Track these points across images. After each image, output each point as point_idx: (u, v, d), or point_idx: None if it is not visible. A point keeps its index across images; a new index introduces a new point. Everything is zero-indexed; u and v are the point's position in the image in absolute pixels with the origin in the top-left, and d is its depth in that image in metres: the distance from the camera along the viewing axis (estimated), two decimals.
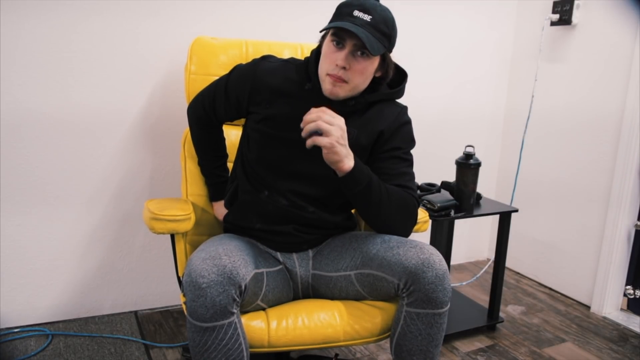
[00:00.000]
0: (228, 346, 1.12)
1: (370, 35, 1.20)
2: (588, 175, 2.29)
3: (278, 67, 1.37)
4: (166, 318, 2.04)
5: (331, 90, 1.27)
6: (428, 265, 1.18)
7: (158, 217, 1.31)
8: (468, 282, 2.52)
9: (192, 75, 1.62)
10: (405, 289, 1.20)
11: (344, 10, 1.24)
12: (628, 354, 1.95)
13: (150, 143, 1.97)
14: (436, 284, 1.18)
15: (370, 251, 1.28)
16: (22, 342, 1.82)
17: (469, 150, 1.90)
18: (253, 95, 1.36)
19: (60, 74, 1.79)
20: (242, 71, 1.40)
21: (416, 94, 2.41)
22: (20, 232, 1.85)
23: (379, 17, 1.22)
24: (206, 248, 1.18)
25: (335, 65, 1.24)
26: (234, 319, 1.12)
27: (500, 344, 1.99)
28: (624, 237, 2.18)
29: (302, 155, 1.29)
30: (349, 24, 1.19)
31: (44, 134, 1.82)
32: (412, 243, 1.24)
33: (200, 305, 1.08)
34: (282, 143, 1.33)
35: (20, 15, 1.70)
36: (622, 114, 2.13)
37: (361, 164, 1.24)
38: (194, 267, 1.11)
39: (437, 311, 1.20)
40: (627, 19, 2.10)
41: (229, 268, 1.10)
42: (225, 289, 1.09)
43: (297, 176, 1.34)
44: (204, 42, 1.65)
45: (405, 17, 2.29)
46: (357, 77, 1.26)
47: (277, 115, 1.33)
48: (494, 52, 2.57)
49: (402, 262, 1.20)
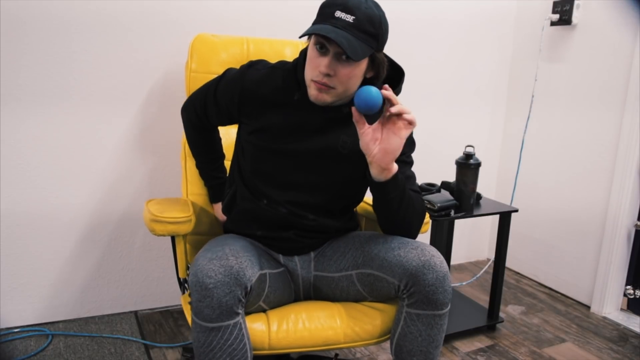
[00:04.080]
0: (233, 346, 1.12)
1: (353, 39, 1.12)
2: (588, 176, 2.29)
3: (265, 76, 1.31)
4: (166, 318, 2.04)
5: (317, 97, 1.21)
6: (429, 267, 1.17)
7: (158, 219, 1.31)
8: (468, 282, 2.52)
9: (192, 73, 1.61)
10: (406, 290, 1.20)
11: (326, 11, 1.16)
12: (628, 354, 1.95)
13: (150, 142, 1.97)
14: (436, 285, 1.17)
15: (372, 251, 1.28)
16: (22, 342, 1.82)
17: (469, 150, 1.90)
18: (242, 107, 1.32)
19: (60, 73, 1.79)
20: (230, 81, 1.35)
21: (416, 93, 2.41)
22: (20, 232, 1.85)
23: (363, 16, 1.14)
24: (212, 248, 1.17)
25: (318, 72, 1.17)
26: (239, 320, 1.12)
27: (500, 344, 1.99)
28: (624, 237, 2.18)
29: (299, 165, 1.28)
30: (329, 27, 1.12)
31: (43, 134, 1.82)
32: (413, 244, 1.23)
33: (207, 306, 1.08)
34: (276, 155, 1.29)
35: (18, 17, 1.70)
36: (622, 114, 2.13)
37: None
38: (200, 267, 1.10)
39: (438, 312, 1.20)
40: (627, 19, 2.10)
41: (236, 269, 1.10)
42: (231, 289, 1.08)
43: (294, 186, 1.31)
44: (205, 39, 1.64)
45: (405, 17, 2.29)
46: (343, 82, 1.19)
47: (268, 127, 1.29)
48: (494, 52, 2.57)
49: (402, 263, 1.19)
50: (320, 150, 1.28)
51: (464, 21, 2.44)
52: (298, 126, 1.28)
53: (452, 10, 2.40)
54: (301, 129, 1.28)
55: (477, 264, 2.77)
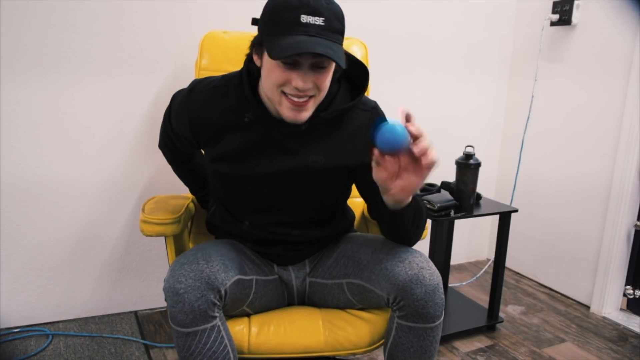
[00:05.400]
0: (213, 349, 1.10)
1: (334, 44, 1.00)
2: (588, 175, 2.29)
3: (210, 97, 1.18)
4: (166, 318, 2.04)
5: (296, 117, 1.08)
6: (417, 282, 1.11)
7: (147, 220, 1.30)
8: (468, 282, 2.52)
9: (202, 71, 1.59)
10: (395, 304, 1.16)
11: (287, 18, 0.99)
12: (628, 354, 1.95)
13: (152, 141, 1.97)
14: (426, 300, 1.12)
15: (362, 261, 1.23)
16: (22, 342, 1.82)
17: (469, 150, 1.90)
18: (197, 136, 1.22)
19: (63, 72, 1.79)
20: (177, 112, 1.24)
21: (416, 94, 2.41)
22: (20, 232, 1.85)
23: (331, 14, 1.01)
24: (187, 253, 1.15)
25: (293, 88, 1.04)
26: (216, 323, 1.10)
27: (500, 344, 1.99)
28: (623, 237, 2.18)
29: (270, 189, 1.22)
30: (306, 39, 0.98)
31: (44, 134, 1.81)
32: (401, 255, 1.17)
33: (180, 311, 1.06)
34: (243, 181, 1.22)
35: (21, 16, 1.70)
36: (622, 114, 2.13)
37: None
38: (172, 273, 1.09)
39: (429, 325, 1.15)
40: (627, 19, 2.10)
41: (207, 273, 1.08)
42: (203, 293, 1.06)
43: (270, 209, 1.25)
44: (215, 36, 1.61)
45: (405, 17, 2.30)
46: (323, 89, 1.08)
47: (227, 153, 1.19)
48: (494, 52, 2.57)
49: (389, 277, 1.14)
50: (289, 171, 1.19)
51: (464, 21, 2.44)
52: (258, 148, 1.18)
53: (452, 10, 2.40)
54: (262, 151, 1.19)
55: (477, 264, 2.77)
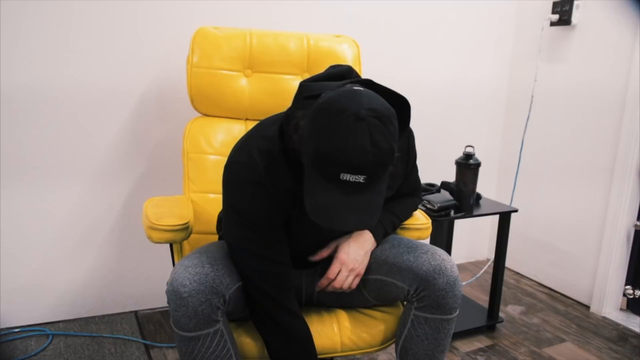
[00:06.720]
0: (215, 354, 1.09)
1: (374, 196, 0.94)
2: (588, 176, 2.29)
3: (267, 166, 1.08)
4: (166, 318, 2.04)
5: None
6: (439, 272, 1.17)
7: (155, 227, 1.27)
8: (468, 282, 2.52)
9: (194, 68, 1.58)
10: (416, 295, 1.19)
11: (328, 170, 0.91)
12: (628, 354, 1.95)
13: (150, 140, 1.97)
14: (447, 290, 1.16)
15: (379, 257, 1.26)
16: (22, 342, 1.82)
17: (469, 150, 1.91)
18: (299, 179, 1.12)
19: (57, 72, 1.79)
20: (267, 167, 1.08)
21: (416, 93, 2.41)
22: (20, 232, 1.85)
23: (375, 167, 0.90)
24: (192, 255, 1.14)
25: None
26: (219, 327, 1.09)
27: (500, 344, 1.99)
28: (623, 237, 2.18)
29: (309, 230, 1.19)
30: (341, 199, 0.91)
31: (43, 134, 1.82)
32: (422, 248, 1.22)
33: (183, 315, 1.05)
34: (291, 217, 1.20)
35: (14, 15, 1.70)
36: (621, 114, 2.13)
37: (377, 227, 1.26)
38: (176, 276, 1.07)
39: (446, 317, 1.19)
40: (627, 19, 2.10)
41: (212, 277, 1.07)
42: (207, 298, 1.05)
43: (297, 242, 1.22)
44: (207, 32, 1.61)
45: (405, 18, 2.30)
46: None
47: None
48: (494, 52, 2.57)
49: (412, 268, 1.18)
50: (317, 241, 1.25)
51: (464, 22, 2.44)
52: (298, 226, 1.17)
53: (452, 10, 2.40)
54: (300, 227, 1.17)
55: (477, 264, 2.77)
